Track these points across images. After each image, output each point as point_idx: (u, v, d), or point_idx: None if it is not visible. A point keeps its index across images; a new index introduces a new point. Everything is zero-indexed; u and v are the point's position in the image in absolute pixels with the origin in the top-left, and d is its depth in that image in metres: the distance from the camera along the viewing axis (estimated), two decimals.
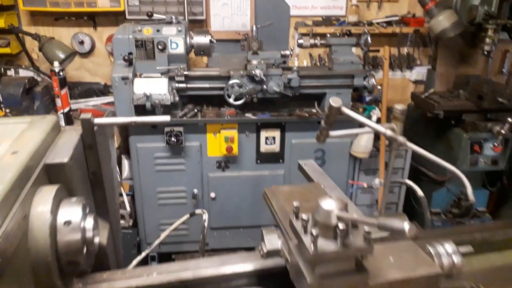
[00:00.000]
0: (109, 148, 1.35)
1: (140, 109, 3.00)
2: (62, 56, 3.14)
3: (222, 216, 3.53)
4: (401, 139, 1.10)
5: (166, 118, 1.18)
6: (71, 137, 1.11)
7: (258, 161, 3.43)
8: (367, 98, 3.86)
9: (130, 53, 2.95)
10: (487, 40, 3.06)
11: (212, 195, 3.48)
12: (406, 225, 0.68)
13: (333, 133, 1.24)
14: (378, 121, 3.41)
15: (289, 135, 3.35)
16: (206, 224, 2.01)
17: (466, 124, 3.23)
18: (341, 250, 0.83)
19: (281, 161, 3.43)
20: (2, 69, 3.11)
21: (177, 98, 3.06)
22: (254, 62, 2.99)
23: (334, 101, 1.10)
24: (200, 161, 3.37)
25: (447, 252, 1.01)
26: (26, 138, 0.96)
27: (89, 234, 0.90)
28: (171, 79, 3.02)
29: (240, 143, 3.31)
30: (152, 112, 2.99)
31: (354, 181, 3.06)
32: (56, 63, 2.78)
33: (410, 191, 3.48)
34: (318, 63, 4.05)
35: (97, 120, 1.13)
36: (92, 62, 3.92)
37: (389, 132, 1.08)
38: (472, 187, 3.87)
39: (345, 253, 0.84)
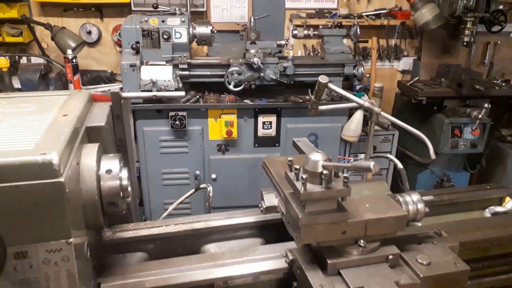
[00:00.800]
0: (129, 121, 1.55)
1: None
2: (73, 44, 3.31)
3: (223, 196, 3.74)
4: (376, 109, 1.31)
5: (181, 93, 1.38)
6: (103, 107, 1.31)
7: (256, 145, 3.63)
8: (357, 87, 4.07)
9: (137, 42, 3.13)
10: (466, 31, 3.28)
11: (213, 176, 3.68)
12: (371, 163, 0.89)
13: (322, 107, 1.45)
14: None
15: (284, 120, 3.55)
16: (211, 194, 2.21)
17: (447, 110, 3.46)
18: (325, 191, 1.04)
19: (277, 144, 3.64)
20: (16, 57, 3.29)
21: (180, 85, 3.25)
22: (252, 51, 3.19)
23: (322, 78, 1.31)
24: (202, 144, 3.57)
25: (413, 200, 1.22)
26: (70, 106, 1.16)
27: (124, 182, 1.10)
28: (175, 66, 3.20)
29: (239, 128, 3.51)
30: None
31: (342, 156, 3.30)
32: (69, 51, 2.96)
33: (397, 174, 3.70)
34: (311, 53, 4.25)
35: (124, 94, 1.33)
36: (99, 51, 4.09)
37: (366, 103, 1.29)
38: (454, 170, 4.10)
39: (328, 194, 1.05)
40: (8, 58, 3.08)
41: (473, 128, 3.33)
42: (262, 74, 3.26)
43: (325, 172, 1.03)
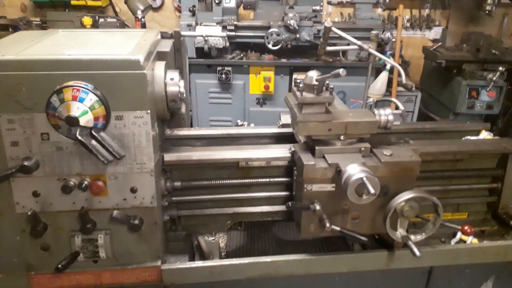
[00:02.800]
0: (185, 56, 2.00)
1: (200, 51, 3.66)
2: (141, 7, 3.83)
3: None
4: (366, 46, 1.67)
5: (223, 34, 1.80)
6: (168, 41, 1.76)
7: None
8: (388, 52, 4.31)
9: (194, 6, 3.58)
10: (489, 0, 3.40)
11: (252, 125, 4.12)
12: (340, 70, 1.28)
13: (328, 48, 1.82)
14: (392, 68, 3.88)
15: None
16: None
17: (465, 73, 3.64)
18: (315, 97, 1.45)
19: None
20: (96, 17, 3.86)
21: (227, 44, 3.68)
22: (290, 14, 3.54)
23: (327, 23, 1.68)
24: (243, 97, 4.03)
25: (385, 113, 1.58)
26: (147, 36, 1.62)
27: (182, 89, 1.55)
28: (224, 27, 3.63)
29: (275, 84, 3.92)
30: (209, 53, 3.64)
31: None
32: (139, 12, 3.48)
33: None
34: (347, 20, 4.50)
35: (183, 32, 1.79)
36: (161, 15, 4.61)
37: (359, 42, 1.65)
38: None
39: (318, 99, 1.46)
40: (91, 18, 3.66)
41: (488, 89, 3.51)
42: (298, 35, 3.61)
43: (316, 83, 1.44)
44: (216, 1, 3.57)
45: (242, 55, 3.87)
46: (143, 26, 3.56)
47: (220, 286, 1.65)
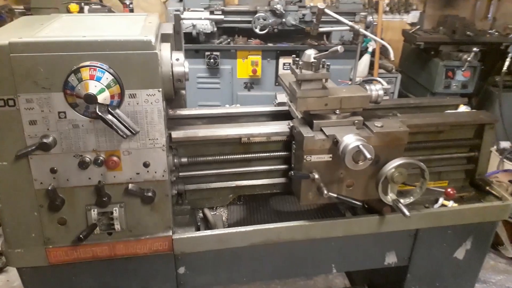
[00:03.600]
0: (182, 39, 2.07)
1: (188, 36, 3.71)
2: None
3: None
4: (357, 27, 1.78)
5: (221, 17, 1.88)
6: (169, 24, 1.83)
7: (277, 83, 4.13)
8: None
9: None
10: None
11: None
12: (338, 47, 1.40)
13: (321, 29, 1.93)
14: (373, 51, 4.04)
15: None
16: None
17: (442, 54, 3.82)
18: (313, 74, 1.56)
19: None
20: (82, 3, 3.84)
21: (215, 29, 3.74)
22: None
23: (320, 4, 1.78)
24: (231, 82, 4.10)
25: (376, 88, 1.71)
26: (150, 19, 1.69)
27: (186, 69, 1.64)
28: (211, 13, 3.68)
29: (263, 68, 4.01)
30: (197, 38, 3.69)
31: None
32: None
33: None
34: (329, 5, 4.61)
35: (182, 15, 1.86)
36: (146, 1, 4.60)
37: (350, 23, 1.76)
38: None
39: (316, 76, 1.57)
40: (77, 4, 3.65)
41: (463, 70, 3.70)
42: (284, 20, 3.71)
43: (314, 61, 1.55)
44: None
45: (229, 40, 3.93)
46: (131, 11, 3.57)
47: (226, 253, 1.77)
